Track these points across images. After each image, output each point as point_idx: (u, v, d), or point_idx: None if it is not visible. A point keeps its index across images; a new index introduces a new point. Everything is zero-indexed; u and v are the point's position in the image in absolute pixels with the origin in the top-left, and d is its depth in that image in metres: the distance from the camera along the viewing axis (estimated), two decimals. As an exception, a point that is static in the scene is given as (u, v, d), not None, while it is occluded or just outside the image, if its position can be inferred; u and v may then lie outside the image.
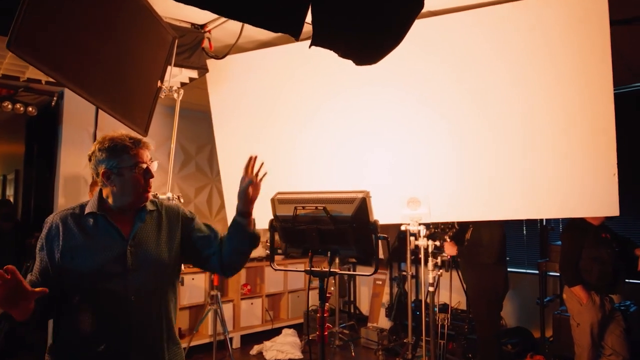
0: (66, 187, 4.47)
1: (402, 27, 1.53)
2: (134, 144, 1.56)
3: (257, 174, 1.68)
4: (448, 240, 3.82)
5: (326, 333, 2.02)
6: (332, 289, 6.14)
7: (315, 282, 2.06)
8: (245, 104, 3.61)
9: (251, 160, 1.68)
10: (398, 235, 4.86)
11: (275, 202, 2.05)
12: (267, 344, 4.92)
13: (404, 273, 4.33)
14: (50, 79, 3.39)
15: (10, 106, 4.14)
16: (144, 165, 1.57)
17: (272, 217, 2.05)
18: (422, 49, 3.00)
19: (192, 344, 4.22)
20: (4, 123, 5.94)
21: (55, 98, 4.28)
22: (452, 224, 3.84)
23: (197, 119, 5.11)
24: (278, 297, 5.80)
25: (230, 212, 3.90)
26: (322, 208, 1.88)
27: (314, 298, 5.94)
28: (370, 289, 5.78)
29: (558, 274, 4.14)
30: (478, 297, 3.79)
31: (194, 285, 4.90)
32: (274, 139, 3.44)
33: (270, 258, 2.15)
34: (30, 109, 4.30)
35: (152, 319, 1.56)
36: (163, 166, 5.12)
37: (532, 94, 2.84)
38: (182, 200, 2.48)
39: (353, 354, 4.78)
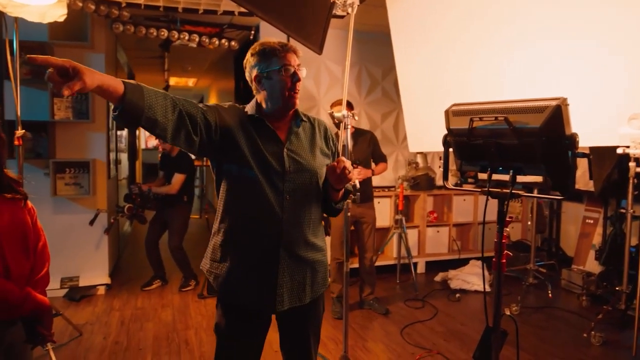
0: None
1: None
2: (282, 47, 1.58)
3: (343, 169, 1.61)
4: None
5: (504, 261, 1.80)
6: (519, 216, 5.57)
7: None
8: (425, 18, 3.29)
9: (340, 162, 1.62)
10: (618, 164, 4.03)
11: (450, 114, 1.84)
12: (452, 272, 4.82)
13: (623, 211, 3.59)
14: (243, 10, 3.65)
15: (217, 42, 4.65)
16: (291, 68, 1.57)
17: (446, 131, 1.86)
18: None
19: (377, 263, 4.39)
20: (218, 60, 6.81)
21: (252, 32, 4.66)
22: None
23: (382, 42, 4.94)
24: (467, 228, 5.55)
25: (412, 138, 3.78)
26: (503, 119, 1.60)
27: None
28: (578, 227, 5.05)
29: None
30: None
31: (379, 208, 5.02)
32: (453, 53, 3.08)
33: (443, 176, 1.99)
34: (233, 43, 4.76)
35: (300, 220, 1.62)
36: (349, 91, 5.22)
37: None
38: (356, 118, 2.44)
39: (550, 295, 4.32)
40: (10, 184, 1.58)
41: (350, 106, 3.87)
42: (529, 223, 4.95)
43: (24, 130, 2.84)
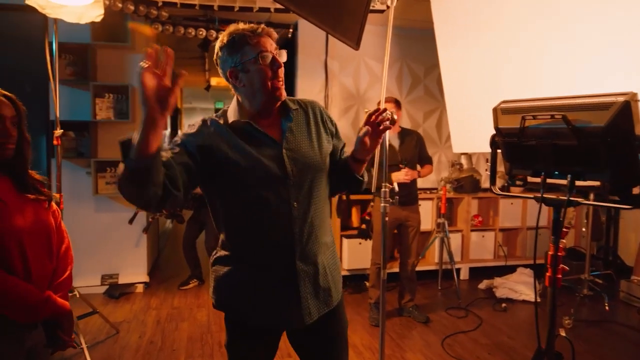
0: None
1: None
2: (253, 32, 1.36)
3: (378, 121, 1.49)
4: None
5: (560, 276, 1.60)
6: (572, 222, 5.19)
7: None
8: (472, 12, 3.08)
9: (378, 111, 1.49)
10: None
11: (498, 112, 1.66)
12: (498, 280, 4.56)
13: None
14: (279, 6, 3.57)
15: (256, 40, 4.59)
16: (269, 54, 1.36)
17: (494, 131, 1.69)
18: None
19: (418, 268, 4.20)
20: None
21: (291, 30, 4.58)
22: None
23: (424, 38, 4.74)
24: (514, 233, 5.25)
25: (456, 138, 3.57)
26: (560, 117, 1.41)
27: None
28: (638, 235, 4.66)
29: None
30: None
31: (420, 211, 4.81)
32: (500, 46, 2.86)
33: (490, 180, 1.81)
34: (272, 42, 4.70)
35: (311, 226, 1.46)
36: (389, 89, 5.05)
37: None
38: (395, 117, 2.29)
39: (607, 307, 3.99)
40: (35, 185, 1.55)
41: (398, 104, 3.72)
42: (584, 230, 4.61)
43: (62, 130, 2.87)
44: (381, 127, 1.50)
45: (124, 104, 4.15)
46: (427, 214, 4.81)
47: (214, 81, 8.44)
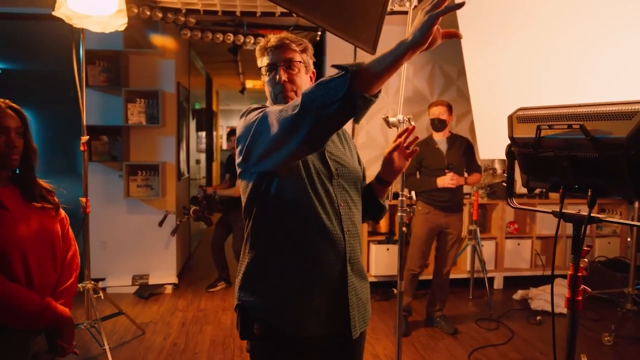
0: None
1: None
2: (273, 44, 1.45)
3: (406, 143, 1.52)
4: None
5: (580, 298, 1.48)
6: (616, 231, 4.85)
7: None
8: (496, 12, 2.94)
9: (407, 131, 1.53)
10: None
11: (514, 120, 1.55)
12: (534, 291, 4.34)
13: None
14: (284, 10, 3.53)
15: (285, 44, 4.60)
16: (277, 66, 1.44)
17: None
18: None
19: (450, 276, 4.04)
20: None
21: (319, 32, 4.54)
22: None
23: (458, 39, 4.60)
24: (552, 241, 4.99)
25: (482, 144, 3.42)
26: (578, 127, 1.30)
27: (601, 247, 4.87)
28: (691, 246, 4.31)
29: None
30: None
31: (451, 217, 4.66)
32: (529, 50, 2.70)
33: (507, 193, 1.70)
34: (300, 45, 4.69)
35: (356, 230, 1.45)
36: (420, 91, 4.92)
37: None
38: (412, 123, 2.21)
39: (653, 324, 3.71)
40: (42, 194, 1.58)
41: (450, 109, 3.63)
42: (629, 239, 4.31)
43: (88, 137, 2.96)
44: (409, 151, 1.54)
45: (154, 108, 4.24)
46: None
47: (249, 84, 8.55)
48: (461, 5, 1.05)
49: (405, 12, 2.37)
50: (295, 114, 1.12)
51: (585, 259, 1.48)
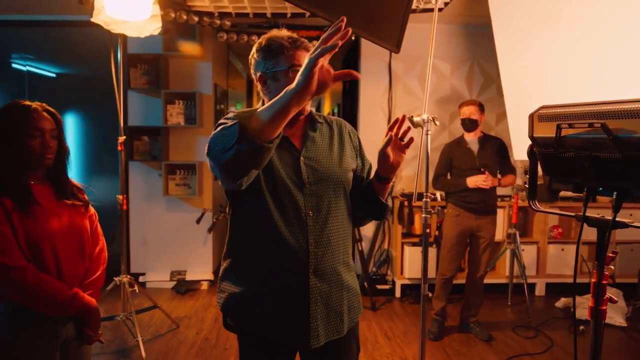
0: (365, 115, 4.79)
1: None
2: (292, 43, 1.36)
3: (399, 134, 1.45)
4: None
5: (604, 307, 1.40)
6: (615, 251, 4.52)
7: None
8: (532, 8, 2.81)
9: (397, 122, 1.44)
10: None
11: (535, 118, 1.49)
12: (578, 298, 4.12)
13: None
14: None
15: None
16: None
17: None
18: None
19: (486, 281, 3.92)
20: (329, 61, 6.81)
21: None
22: None
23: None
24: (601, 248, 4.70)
25: (517, 144, 3.28)
26: (599, 125, 1.22)
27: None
28: None
29: None
30: None
31: (489, 220, 4.51)
32: (565, 47, 2.56)
33: (529, 195, 1.63)
34: (336, 44, 4.69)
35: (330, 239, 1.41)
36: (457, 90, 4.78)
37: None
38: (437, 123, 2.16)
39: None
40: (73, 191, 1.68)
41: (481, 108, 3.54)
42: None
43: (125, 137, 3.09)
44: (405, 142, 1.47)
45: (192, 110, 4.37)
46: (497, 224, 4.48)
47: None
48: (336, 47, 1.00)
49: (431, 10, 2.31)
50: (207, 153, 1.24)
51: (612, 266, 1.40)
